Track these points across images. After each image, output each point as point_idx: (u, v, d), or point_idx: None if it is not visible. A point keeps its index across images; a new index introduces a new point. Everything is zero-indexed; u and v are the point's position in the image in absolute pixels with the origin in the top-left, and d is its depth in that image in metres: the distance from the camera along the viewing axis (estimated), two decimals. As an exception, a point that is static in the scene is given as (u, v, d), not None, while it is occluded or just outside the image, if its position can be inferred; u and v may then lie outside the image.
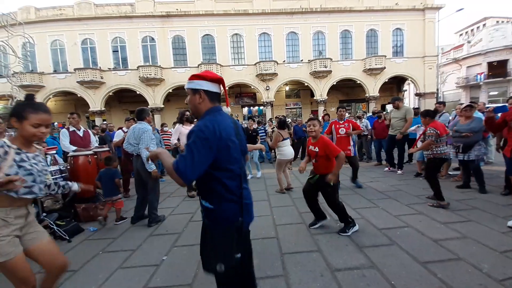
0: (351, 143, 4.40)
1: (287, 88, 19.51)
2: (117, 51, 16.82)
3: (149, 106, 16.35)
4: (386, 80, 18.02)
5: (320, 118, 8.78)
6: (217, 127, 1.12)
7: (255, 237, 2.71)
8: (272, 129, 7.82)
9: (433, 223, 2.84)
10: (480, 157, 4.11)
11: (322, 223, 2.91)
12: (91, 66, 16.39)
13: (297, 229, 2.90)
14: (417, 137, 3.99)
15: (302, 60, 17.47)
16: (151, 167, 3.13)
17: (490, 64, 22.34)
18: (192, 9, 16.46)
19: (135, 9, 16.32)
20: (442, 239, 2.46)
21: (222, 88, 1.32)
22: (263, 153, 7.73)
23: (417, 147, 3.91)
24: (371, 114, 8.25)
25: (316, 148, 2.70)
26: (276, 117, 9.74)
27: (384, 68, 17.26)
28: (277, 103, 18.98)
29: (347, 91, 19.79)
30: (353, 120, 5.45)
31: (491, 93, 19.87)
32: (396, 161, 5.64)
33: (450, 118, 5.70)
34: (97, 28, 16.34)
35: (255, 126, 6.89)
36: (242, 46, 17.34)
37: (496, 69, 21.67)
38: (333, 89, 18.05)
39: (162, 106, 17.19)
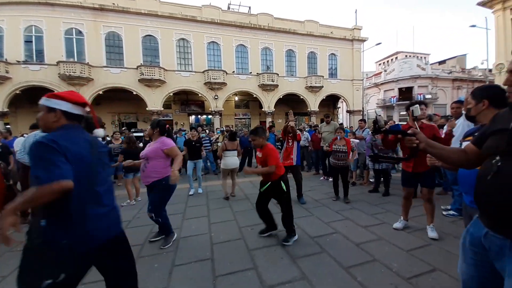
0: (294, 152, 4.48)
1: (236, 98, 19.71)
2: (31, 41, 13.78)
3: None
4: (324, 97, 20.24)
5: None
6: (59, 140, 1.07)
7: (188, 261, 2.45)
8: (215, 139, 7.66)
9: (356, 228, 3.14)
10: (391, 166, 4.95)
11: (271, 233, 2.98)
12: (-8, 57, 12.97)
13: (235, 246, 2.75)
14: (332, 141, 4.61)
15: (251, 73, 18.02)
16: None
17: (400, 90, 27.93)
18: (132, 6, 15.04)
19: (59, -5, 13.90)
20: (363, 242, 2.72)
21: (88, 110, 1.27)
22: (208, 164, 7.41)
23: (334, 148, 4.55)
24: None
25: (260, 154, 2.89)
26: (225, 128, 9.54)
27: (322, 86, 19.41)
28: (226, 113, 18.91)
29: (293, 105, 21.17)
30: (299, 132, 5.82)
31: (401, 113, 24.79)
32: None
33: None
34: (6, 14, 13.18)
35: (201, 135, 6.47)
36: (189, 52, 16.73)
37: (405, 93, 27.21)
38: (280, 102, 19.14)
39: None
